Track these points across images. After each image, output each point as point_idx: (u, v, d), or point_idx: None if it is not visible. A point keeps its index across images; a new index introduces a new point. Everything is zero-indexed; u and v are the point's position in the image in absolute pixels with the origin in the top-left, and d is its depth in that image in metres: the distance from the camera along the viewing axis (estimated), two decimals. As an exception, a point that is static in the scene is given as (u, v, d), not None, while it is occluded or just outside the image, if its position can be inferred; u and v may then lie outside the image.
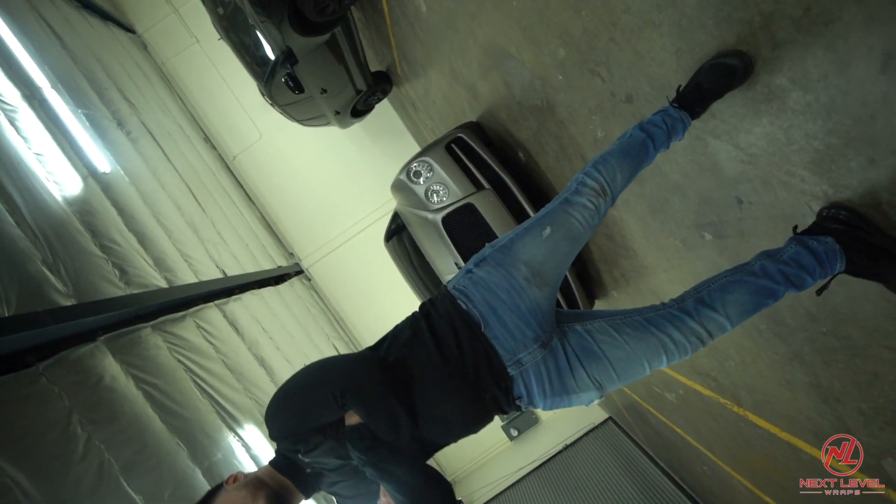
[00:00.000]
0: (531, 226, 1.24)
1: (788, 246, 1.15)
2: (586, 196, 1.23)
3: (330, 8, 3.99)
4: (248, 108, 8.77)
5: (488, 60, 2.50)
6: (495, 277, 1.16)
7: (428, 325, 1.17)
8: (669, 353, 1.15)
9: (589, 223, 1.24)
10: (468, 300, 1.16)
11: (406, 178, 2.98)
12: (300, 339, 7.06)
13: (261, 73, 4.94)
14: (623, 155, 1.28)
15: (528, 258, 1.17)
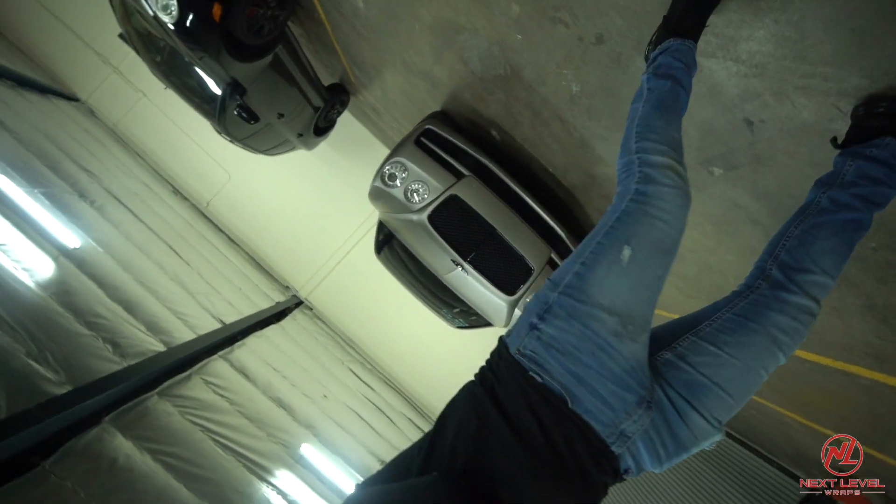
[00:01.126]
0: (600, 249, 0.93)
1: (844, 165, 0.97)
2: (662, 179, 0.94)
3: (265, 28, 3.80)
4: (210, 151, 8.54)
5: (439, 41, 2.33)
6: (572, 336, 0.88)
7: (497, 407, 0.89)
8: (784, 346, 0.92)
9: (678, 218, 0.95)
10: (543, 371, 0.89)
11: (381, 184, 2.81)
12: (314, 370, 6.88)
13: (211, 111, 4.73)
14: (662, 108, 1.04)
15: (610, 301, 0.88)
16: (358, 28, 3.30)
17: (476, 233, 2.61)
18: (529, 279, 2.66)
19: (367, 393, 7.63)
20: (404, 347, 8.83)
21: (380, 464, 6.03)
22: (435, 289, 4.38)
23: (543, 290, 1.00)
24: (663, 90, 1.08)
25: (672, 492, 4.96)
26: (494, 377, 0.95)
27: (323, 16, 3.81)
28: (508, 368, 0.93)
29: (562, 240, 2.70)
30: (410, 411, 8.28)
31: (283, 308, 7.88)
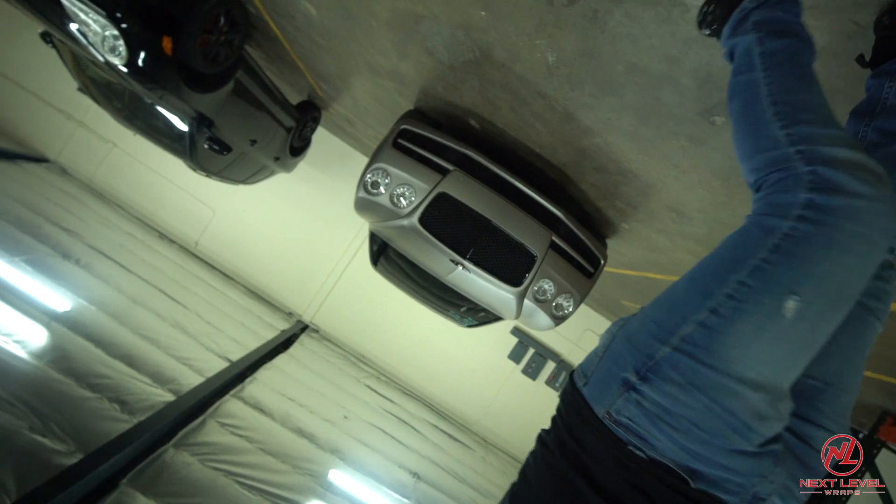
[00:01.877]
0: (746, 295, 0.66)
1: (882, 88, 0.82)
2: (855, 185, 0.62)
3: (221, 55, 3.67)
4: (190, 190, 8.39)
5: (399, 35, 2.21)
6: (691, 411, 0.66)
7: (593, 488, 0.70)
8: (878, 312, 0.78)
9: (880, 248, 0.65)
10: (647, 446, 0.69)
11: (365, 194, 2.70)
12: (331, 393, 6.75)
13: (181, 149, 4.60)
14: (801, 77, 0.76)
15: (757, 373, 0.64)
16: (315, 38, 3.18)
17: (471, 228, 2.50)
18: (533, 267, 2.55)
19: (387, 406, 7.51)
20: (417, 354, 8.72)
21: (411, 476, 5.91)
22: (438, 291, 4.27)
23: (640, 333, 0.75)
24: (789, 51, 0.78)
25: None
26: (577, 444, 0.74)
27: (278, 32, 3.68)
28: (597, 436, 0.72)
29: (561, 221, 2.59)
30: (433, 416, 8.17)
31: (290, 335, 7.75)
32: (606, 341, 0.85)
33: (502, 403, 8.80)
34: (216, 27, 3.45)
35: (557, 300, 2.69)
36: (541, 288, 2.64)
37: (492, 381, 8.80)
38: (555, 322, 2.82)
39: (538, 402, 8.78)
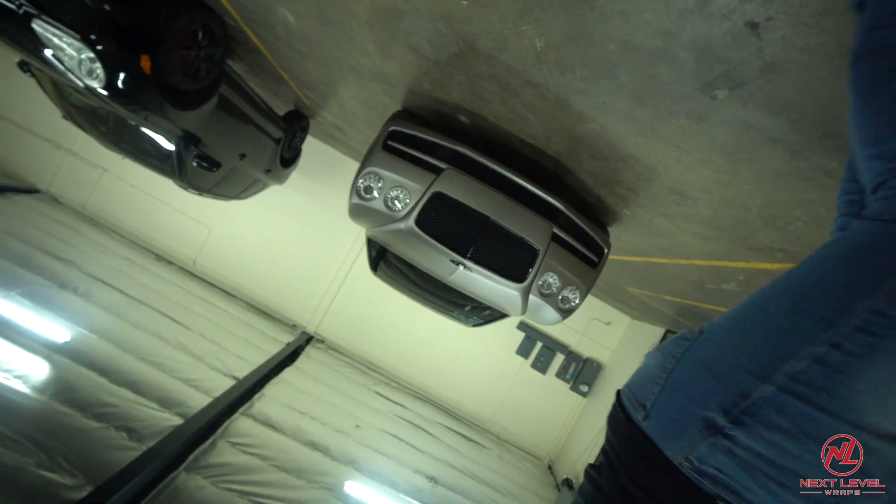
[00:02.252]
0: (880, 327, 0.53)
1: None
2: None
3: (203, 70, 3.61)
4: (184, 210, 8.34)
5: (381, 34, 2.15)
6: (803, 465, 0.58)
7: None
8: None
9: None
10: (744, 503, 0.58)
11: (359, 200, 2.63)
12: (341, 403, 6.69)
13: (170, 168, 4.53)
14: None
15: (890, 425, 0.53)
16: (296, 46, 3.12)
17: (469, 226, 2.44)
18: (536, 261, 2.49)
19: (399, 412, 7.46)
20: (424, 357, 8.67)
21: (428, 481, 5.85)
22: (441, 293, 4.20)
23: (724, 363, 0.61)
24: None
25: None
26: (646, 496, 0.61)
27: (259, 43, 3.62)
28: (673, 487, 0.59)
29: (560, 212, 2.53)
30: (445, 418, 8.12)
31: (295, 348, 7.69)
32: (665, 364, 0.69)
33: (514, 399, 8.76)
34: (195, 42, 3.38)
35: (563, 293, 2.63)
36: (545, 282, 2.58)
37: (502, 378, 8.75)
38: (562, 315, 2.76)
39: (550, 396, 8.73)
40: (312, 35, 2.70)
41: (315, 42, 2.79)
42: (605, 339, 8.75)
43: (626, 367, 7.84)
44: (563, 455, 8.42)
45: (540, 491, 7.39)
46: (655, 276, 4.00)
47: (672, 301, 4.88)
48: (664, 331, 7.27)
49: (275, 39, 3.25)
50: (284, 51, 3.38)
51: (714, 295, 3.47)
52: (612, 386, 7.90)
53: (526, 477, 7.59)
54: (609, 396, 7.81)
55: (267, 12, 2.75)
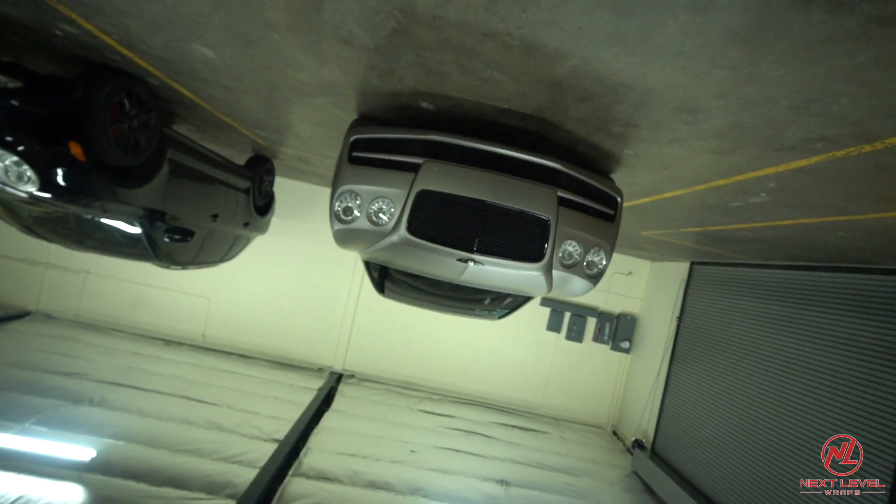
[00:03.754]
0: None
1: None
2: None
3: (142, 140, 3.35)
4: (177, 288, 8.10)
5: (307, 36, 1.89)
6: None
7: None
8: None
9: None
10: None
11: (341, 224, 2.38)
12: (389, 432, 6.45)
13: (145, 252, 4.28)
14: None
15: None
16: (227, 83, 2.86)
17: (467, 217, 2.18)
18: (550, 233, 2.23)
19: (449, 423, 7.21)
20: (458, 361, 8.43)
21: (500, 485, 5.60)
22: (456, 294, 3.96)
23: None
24: None
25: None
26: None
27: (190, 94, 3.36)
28: None
29: (559, 172, 2.27)
30: (497, 416, 7.87)
31: (328, 390, 7.45)
32: None
33: (558, 376, 8.51)
34: (124, 114, 3.12)
35: (588, 258, 2.38)
36: (566, 252, 2.32)
37: (540, 359, 8.51)
38: (592, 282, 2.50)
39: (593, 362, 8.49)
40: (238, 64, 2.44)
41: (244, 71, 2.53)
42: (630, 289, 8.49)
43: (659, 310, 7.57)
44: (625, 416, 8.17)
45: (612, 459, 7.15)
46: (671, 211, 3.74)
47: (692, 232, 4.61)
48: (689, 264, 7.00)
49: (204, 84, 2.99)
50: (218, 93, 3.13)
51: (740, 213, 3.21)
52: (652, 334, 7.65)
53: (594, 450, 7.35)
54: (650, 346, 7.56)
55: (183, 56, 2.49)
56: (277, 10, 1.70)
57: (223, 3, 1.73)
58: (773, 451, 4.79)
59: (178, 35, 2.18)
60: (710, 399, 5.93)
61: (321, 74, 2.30)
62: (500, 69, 1.81)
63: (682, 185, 2.82)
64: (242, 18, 1.84)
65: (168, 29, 2.12)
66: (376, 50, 1.87)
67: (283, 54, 2.14)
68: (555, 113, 2.14)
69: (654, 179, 2.81)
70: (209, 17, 1.90)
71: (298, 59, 2.17)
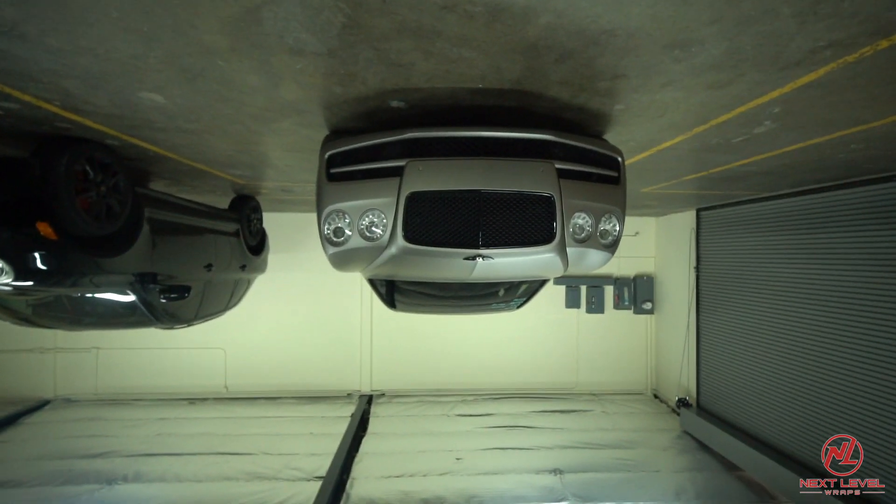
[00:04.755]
0: None
1: None
2: None
3: (114, 205, 3.20)
4: (189, 345, 7.97)
5: (254, 54, 1.74)
6: None
7: None
8: None
9: None
10: None
11: (334, 247, 2.23)
12: (431, 444, 6.30)
13: (145, 318, 4.14)
14: None
15: None
16: (186, 126, 2.71)
17: (465, 211, 2.03)
18: (556, 209, 2.07)
19: (488, 422, 7.06)
20: (483, 358, 8.27)
21: (554, 475, 5.45)
22: (470, 293, 3.81)
23: None
24: None
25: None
26: None
27: (153, 147, 3.21)
28: None
29: (552, 143, 2.12)
30: (535, 404, 7.71)
31: (361, 415, 7.31)
32: None
33: (587, 351, 8.35)
34: (89, 182, 2.98)
35: (600, 227, 2.22)
36: (576, 226, 2.17)
37: (566, 338, 8.34)
38: (610, 252, 2.35)
39: (619, 330, 8.31)
40: (191, 104, 2.29)
41: (199, 109, 2.38)
42: (641, 250, 8.31)
43: (675, 265, 7.39)
44: (662, 377, 8.00)
45: (659, 424, 6.98)
46: (671, 161, 3.57)
47: (694, 179, 4.44)
48: (695, 211, 6.82)
49: (163, 133, 2.85)
50: (180, 140, 2.98)
51: (744, 148, 3.04)
52: (672, 290, 7.48)
53: (639, 418, 7.18)
54: (673, 301, 7.39)
55: (133, 107, 2.34)
56: (213, 32, 1.54)
57: (154, 39, 1.58)
58: (816, 381, 4.62)
59: (119, 86, 2.03)
60: (745, 342, 5.76)
61: (279, 95, 2.15)
62: (467, 44, 1.65)
63: (681, 131, 2.65)
64: (179, 51, 1.68)
65: (107, 81, 1.97)
66: (330, 54, 1.71)
67: (234, 82, 1.99)
68: (534, 81, 1.98)
69: (650, 131, 2.65)
70: (145, 59, 1.74)
71: (252, 84, 2.01)
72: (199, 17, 1.46)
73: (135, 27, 1.50)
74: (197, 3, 1.37)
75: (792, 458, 4.84)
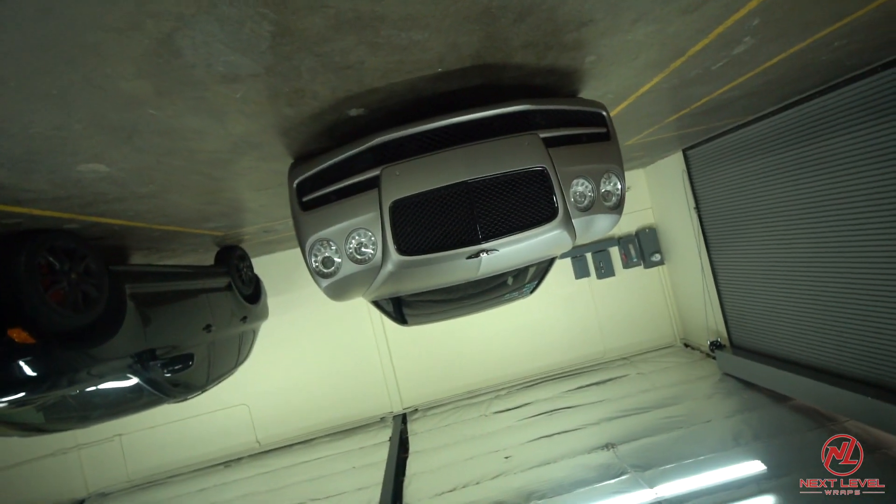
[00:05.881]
0: None
1: None
2: None
3: (89, 291, 3.00)
4: (210, 409, 7.76)
5: (185, 92, 1.56)
6: None
7: None
8: None
9: None
10: None
11: (326, 279, 2.05)
12: (476, 449, 6.12)
13: (155, 397, 3.94)
14: None
15: None
16: (143, 190, 2.52)
17: (456, 206, 1.86)
18: (551, 181, 1.90)
19: (527, 412, 6.89)
20: (506, 350, 8.10)
21: (607, 450, 5.28)
22: (478, 290, 3.63)
23: None
24: None
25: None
26: None
27: (116, 221, 3.02)
28: None
29: (529, 112, 1.95)
30: (570, 383, 7.55)
31: (399, 435, 7.14)
32: None
33: (608, 317, 8.19)
34: (56, 273, 2.78)
35: (602, 189, 2.06)
36: (576, 193, 2.00)
37: (584, 310, 8.18)
38: (617, 213, 2.18)
39: (634, 288, 8.16)
40: (138, 165, 2.10)
41: (149, 169, 2.19)
42: (636, 204, 8.15)
43: (674, 211, 7.24)
44: (689, 325, 7.85)
45: (697, 372, 6.83)
46: (651, 106, 3.41)
47: (676, 119, 4.29)
48: (681, 153, 6.67)
49: (121, 204, 2.66)
50: (141, 206, 2.79)
51: (724, 72, 2.88)
52: (678, 236, 7.32)
53: (676, 372, 7.03)
54: (681, 247, 7.23)
55: (78, 184, 2.15)
56: (130, 77, 1.36)
57: (69, 101, 1.39)
58: (843, 289, 4.48)
59: (53, 164, 1.84)
60: (764, 269, 5.61)
61: (228, 132, 1.96)
62: (416, 24, 1.47)
63: (659, 69, 2.48)
64: (102, 108, 1.50)
65: (38, 161, 1.78)
66: (269, 72, 1.53)
67: (174, 129, 1.81)
68: (495, 51, 1.80)
69: (626, 76, 2.48)
70: (68, 127, 1.56)
71: (194, 127, 1.83)
72: (108, 64, 1.27)
73: (41, 92, 1.31)
74: (99, 47, 1.18)
75: (837, 374, 4.71)
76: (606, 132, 2.10)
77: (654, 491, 4.22)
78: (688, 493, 4.06)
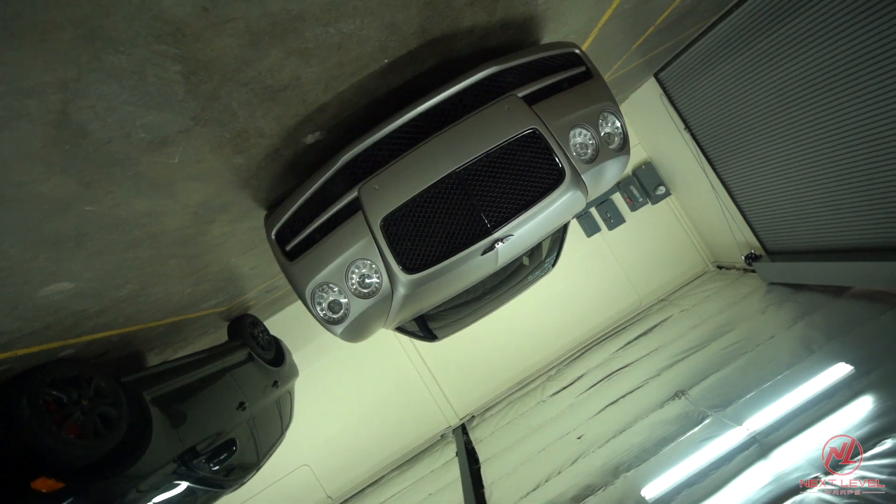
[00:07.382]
0: None
1: None
2: None
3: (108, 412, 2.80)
4: (271, 481, 7.58)
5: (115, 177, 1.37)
6: None
7: None
8: None
9: None
10: None
11: (339, 325, 1.85)
12: (544, 439, 5.89)
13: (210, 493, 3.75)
14: None
15: None
16: (122, 293, 2.33)
17: (452, 201, 1.65)
18: (548, 142, 1.68)
19: (583, 384, 6.64)
20: (543, 327, 7.86)
21: (678, 398, 5.02)
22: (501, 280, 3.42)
23: None
24: None
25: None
26: None
27: (110, 332, 2.83)
28: None
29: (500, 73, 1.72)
30: (616, 342, 7.30)
31: (465, 447, 6.92)
32: None
33: (631, 265, 7.93)
34: (65, 405, 2.59)
35: (602, 131, 1.83)
36: (577, 145, 1.78)
37: (605, 265, 7.93)
38: (625, 153, 1.95)
39: (649, 228, 7.89)
40: (102, 270, 1.91)
41: (117, 270, 2.00)
42: (623, 144, 7.90)
43: (664, 139, 6.97)
44: (717, 246, 7.57)
45: (741, 290, 6.56)
46: (614, 35, 3.17)
47: (642, 43, 4.04)
48: (652, 78, 6.41)
49: (106, 313, 2.47)
50: (128, 308, 2.60)
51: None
52: (677, 162, 7.05)
53: (720, 297, 6.75)
54: (684, 172, 6.96)
55: (51, 309, 1.96)
56: (43, 178, 1.15)
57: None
58: (864, 159, 4.21)
59: (9, 299, 1.65)
60: (776, 165, 5.33)
61: (184, 204, 1.76)
62: (341, 13, 1.25)
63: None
64: (30, 222, 1.29)
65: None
66: (198, 121, 1.32)
67: (124, 220, 1.60)
68: (440, 19, 1.58)
69: (584, 9, 2.25)
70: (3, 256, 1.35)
71: (144, 210, 1.62)
72: (11, 170, 1.06)
73: (-54, 226, 1.11)
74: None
75: (889, 248, 4.43)
76: (587, 70, 1.88)
77: (745, 427, 3.95)
78: (781, 419, 3.80)
